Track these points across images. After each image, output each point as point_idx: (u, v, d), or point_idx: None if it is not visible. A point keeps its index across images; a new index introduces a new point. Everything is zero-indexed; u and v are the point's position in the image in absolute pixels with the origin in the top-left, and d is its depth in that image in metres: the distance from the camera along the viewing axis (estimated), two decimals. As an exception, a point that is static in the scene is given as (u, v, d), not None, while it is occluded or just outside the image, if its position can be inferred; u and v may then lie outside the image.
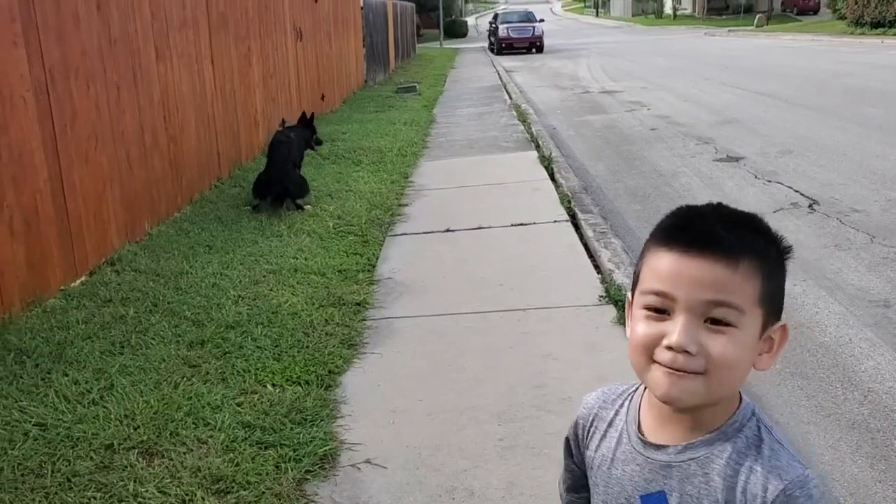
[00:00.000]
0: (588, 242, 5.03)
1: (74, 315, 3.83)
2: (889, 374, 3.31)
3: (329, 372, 3.30)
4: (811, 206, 5.95)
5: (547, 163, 7.63)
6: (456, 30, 49.52)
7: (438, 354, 3.54)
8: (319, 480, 2.57)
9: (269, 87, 8.79)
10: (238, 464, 2.59)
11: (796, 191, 6.44)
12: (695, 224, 0.96)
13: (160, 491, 2.45)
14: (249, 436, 2.76)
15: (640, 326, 0.96)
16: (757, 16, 44.34)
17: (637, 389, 1.08)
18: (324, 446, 2.71)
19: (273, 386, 3.14)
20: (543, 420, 2.88)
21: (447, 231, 5.53)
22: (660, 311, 0.94)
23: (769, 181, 6.85)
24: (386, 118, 11.38)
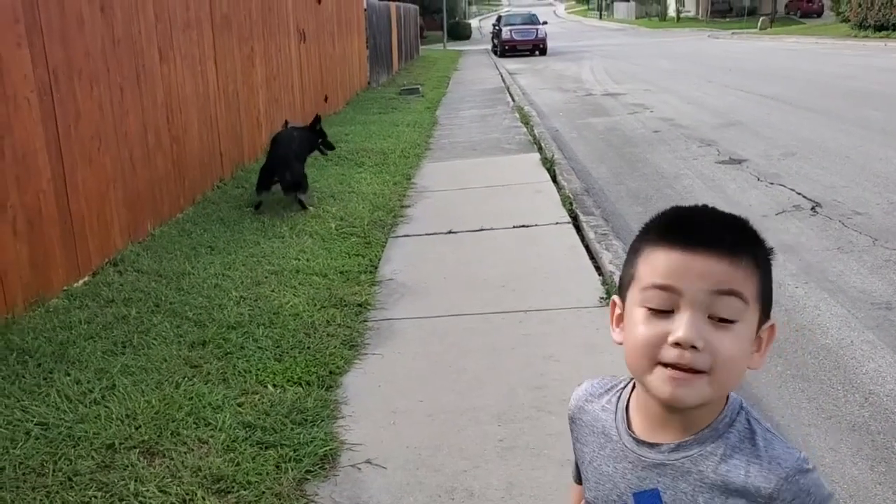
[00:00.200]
0: (589, 244, 5.03)
1: (77, 315, 3.85)
2: (890, 377, 3.31)
3: (330, 373, 3.31)
4: (814, 209, 5.95)
5: (549, 165, 7.63)
6: (459, 32, 49.60)
7: (439, 355, 3.55)
8: (319, 480, 2.57)
9: (273, 89, 8.81)
10: (238, 463, 2.60)
11: (799, 193, 6.43)
12: (695, 223, 0.96)
13: (161, 490, 2.46)
14: (250, 436, 2.77)
15: (641, 327, 0.94)
16: (760, 18, 44.34)
17: (626, 386, 1.07)
18: (324, 446, 2.72)
19: (274, 386, 3.15)
20: (544, 421, 2.88)
21: (449, 233, 5.54)
22: (661, 310, 0.92)
23: (772, 183, 6.84)
24: (389, 120, 11.40)
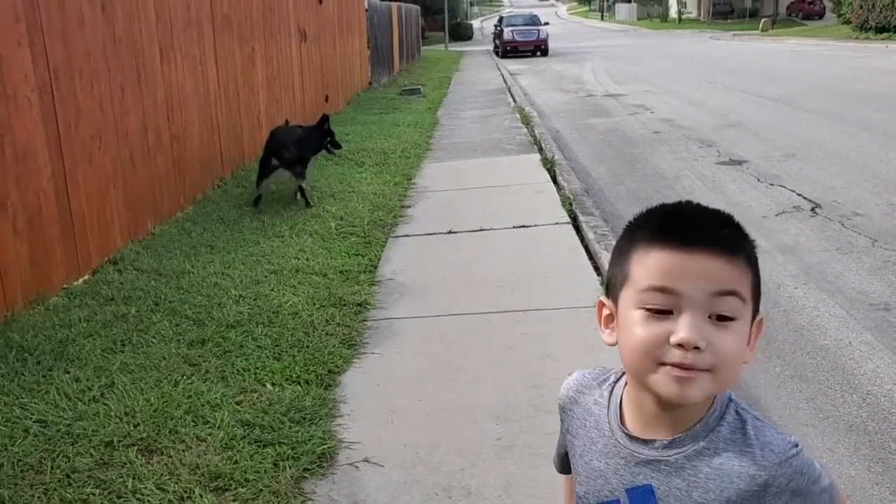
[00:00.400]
0: (589, 245, 5.04)
1: (76, 313, 3.85)
2: (888, 378, 3.31)
3: (329, 371, 3.31)
4: (813, 210, 5.95)
5: (549, 165, 7.63)
6: (461, 33, 49.64)
7: (438, 355, 3.55)
8: (317, 479, 2.58)
9: (273, 88, 8.82)
10: (236, 461, 2.60)
11: (799, 194, 6.44)
12: (688, 221, 0.95)
13: (159, 488, 2.47)
14: (248, 434, 2.77)
15: (640, 329, 0.92)
16: (762, 20, 44.34)
17: (618, 381, 1.07)
18: (322, 445, 2.72)
19: (273, 385, 3.15)
20: (541, 420, 2.88)
21: (449, 233, 5.54)
22: (660, 310, 0.92)
23: (772, 184, 6.85)
24: (390, 120, 11.40)
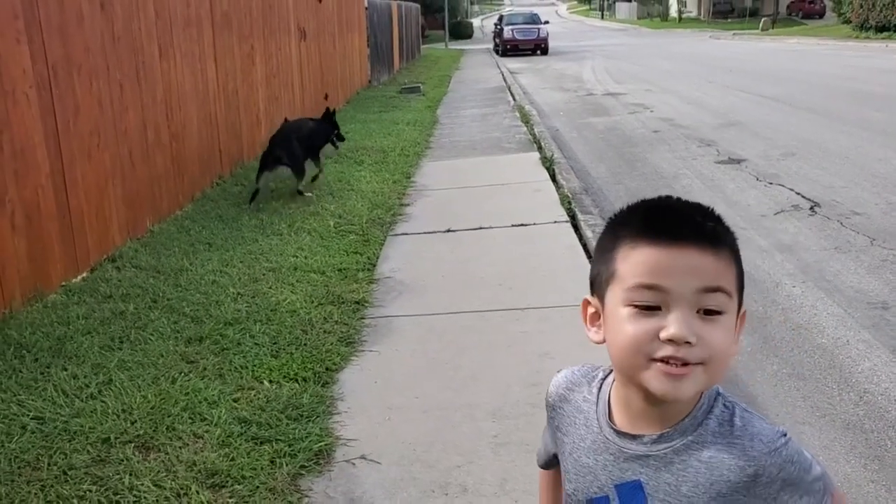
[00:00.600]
0: (587, 243, 5.04)
1: (74, 310, 3.85)
2: (885, 376, 3.31)
3: (326, 369, 3.31)
4: (812, 209, 5.95)
5: (548, 164, 7.64)
6: (461, 31, 49.61)
7: (436, 353, 3.55)
8: (314, 475, 2.58)
9: (272, 87, 8.82)
10: (233, 458, 2.60)
11: (798, 193, 6.44)
12: (672, 217, 0.95)
13: (155, 485, 2.47)
14: (245, 431, 2.78)
15: (629, 326, 0.92)
16: (762, 19, 44.35)
17: (607, 377, 1.07)
18: (319, 442, 2.72)
19: (270, 382, 3.16)
20: (538, 417, 2.85)
21: (448, 231, 5.54)
22: (648, 307, 0.92)
23: (771, 183, 6.85)
24: (389, 118, 11.40)
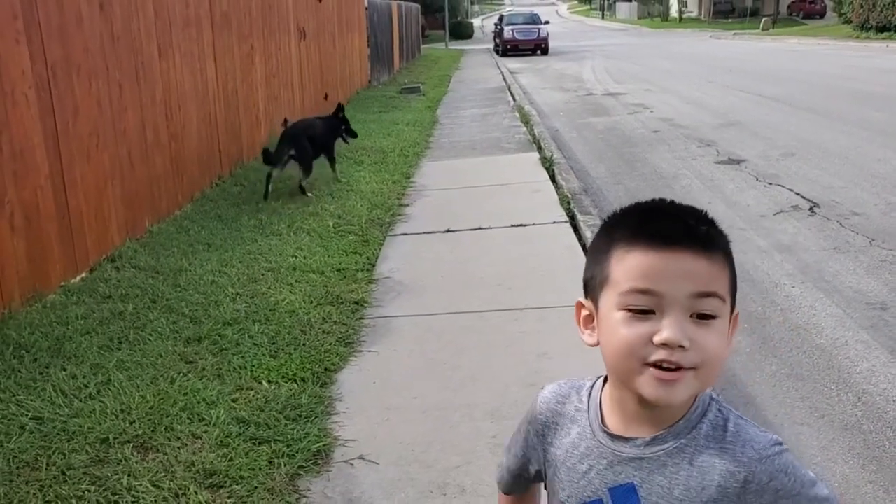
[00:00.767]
0: (587, 244, 5.04)
1: (74, 311, 3.86)
2: (883, 377, 3.31)
3: (325, 369, 3.31)
4: (812, 209, 5.95)
5: (548, 164, 7.64)
6: (461, 31, 49.59)
7: (435, 353, 3.56)
8: (312, 476, 2.58)
9: (272, 86, 8.82)
10: (231, 459, 2.61)
11: (797, 193, 6.44)
12: (667, 220, 0.95)
13: (154, 485, 2.47)
14: (244, 431, 2.78)
15: (623, 329, 0.92)
16: (763, 19, 44.35)
17: (595, 384, 1.07)
18: (317, 442, 2.73)
19: (269, 382, 3.16)
20: (537, 418, 2.88)
21: (447, 231, 5.55)
22: (642, 311, 0.92)
23: (770, 183, 6.85)
24: (389, 118, 11.40)
